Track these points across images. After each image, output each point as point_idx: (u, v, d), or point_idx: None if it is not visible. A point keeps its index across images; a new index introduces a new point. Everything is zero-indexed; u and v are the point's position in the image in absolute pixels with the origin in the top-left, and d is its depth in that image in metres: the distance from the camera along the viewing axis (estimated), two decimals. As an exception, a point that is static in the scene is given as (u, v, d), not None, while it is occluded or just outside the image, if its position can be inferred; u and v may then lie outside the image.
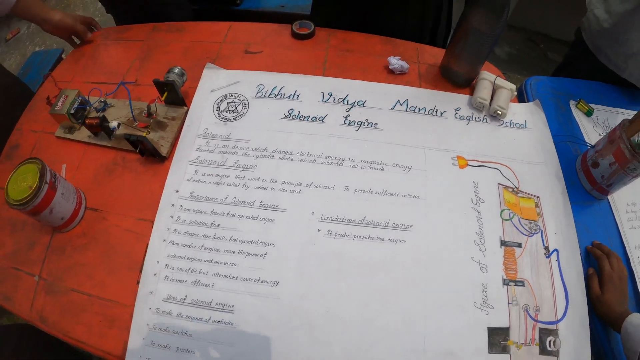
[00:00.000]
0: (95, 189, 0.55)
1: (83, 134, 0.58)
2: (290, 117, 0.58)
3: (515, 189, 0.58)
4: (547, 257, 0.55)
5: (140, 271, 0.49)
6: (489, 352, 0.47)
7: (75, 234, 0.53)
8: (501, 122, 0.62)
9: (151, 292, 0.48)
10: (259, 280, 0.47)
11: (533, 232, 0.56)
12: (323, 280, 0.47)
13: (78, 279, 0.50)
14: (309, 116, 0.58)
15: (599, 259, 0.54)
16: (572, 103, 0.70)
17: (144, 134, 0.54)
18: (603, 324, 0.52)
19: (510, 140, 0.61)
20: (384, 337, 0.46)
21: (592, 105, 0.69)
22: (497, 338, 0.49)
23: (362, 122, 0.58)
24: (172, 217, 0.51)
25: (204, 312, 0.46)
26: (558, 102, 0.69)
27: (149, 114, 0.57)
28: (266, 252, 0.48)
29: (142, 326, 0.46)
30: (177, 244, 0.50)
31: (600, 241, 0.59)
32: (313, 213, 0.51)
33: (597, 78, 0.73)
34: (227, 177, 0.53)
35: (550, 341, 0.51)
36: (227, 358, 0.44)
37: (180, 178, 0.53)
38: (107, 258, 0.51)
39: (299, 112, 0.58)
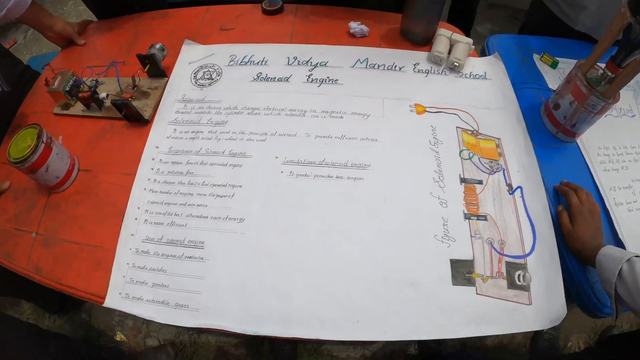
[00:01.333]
0: (88, 154, 0.61)
1: (77, 108, 0.65)
2: (259, 80, 0.63)
3: (474, 132, 0.60)
4: (510, 193, 0.56)
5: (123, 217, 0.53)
6: (453, 284, 0.48)
7: (69, 193, 0.58)
8: (460, 74, 0.65)
9: (132, 234, 0.52)
10: (226, 217, 0.51)
11: (494, 170, 0.58)
12: (285, 215, 0.51)
13: (71, 230, 0.55)
14: (275, 77, 0.63)
15: (566, 194, 0.54)
16: (536, 57, 0.71)
17: (117, 92, 0.60)
18: (580, 262, 0.52)
19: (469, 89, 0.64)
20: (344, 266, 0.48)
21: (557, 58, 0.71)
22: (461, 270, 0.50)
23: (323, 79, 0.62)
24: (152, 169, 0.56)
25: (178, 249, 0.50)
26: (521, 56, 0.71)
27: (134, 86, 0.64)
28: (234, 193, 0.53)
29: (123, 265, 0.51)
30: (156, 191, 0.54)
31: (571, 179, 0.59)
32: (277, 157, 0.55)
33: (553, 32, 0.75)
34: (202, 132, 0.58)
35: (519, 275, 0.51)
36: (198, 289, 0.48)
37: (161, 136, 0.59)
38: (97, 210, 0.56)
39: (267, 74, 0.63)
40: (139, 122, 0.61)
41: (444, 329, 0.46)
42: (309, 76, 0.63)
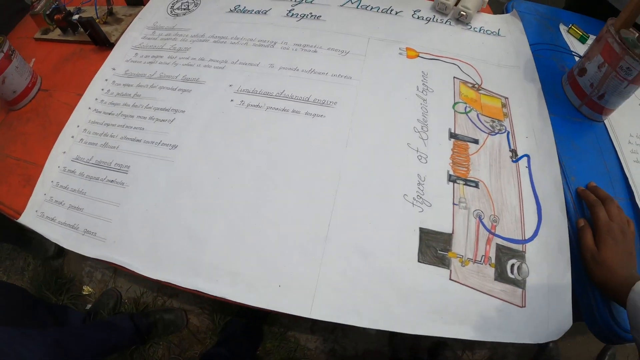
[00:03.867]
0: (52, 75, 0.59)
1: (55, 34, 0.64)
2: (235, 11, 0.57)
3: (475, 85, 0.49)
4: (514, 161, 0.44)
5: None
6: (418, 261, 0.37)
7: (24, 111, 0.56)
8: (468, 26, 0.55)
9: (64, 152, 0.47)
10: (159, 143, 0.44)
11: (496, 131, 0.46)
12: (223, 147, 0.43)
13: (15, 146, 0.52)
14: (253, 10, 0.56)
15: (592, 205, 0.41)
16: (563, 28, 0.59)
17: (96, 20, 0.57)
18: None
19: (477, 43, 0.53)
20: (277, 216, 0.38)
21: (589, 34, 0.58)
22: (433, 245, 0.39)
23: (305, 15, 0.55)
24: (102, 89, 0.52)
25: (103, 171, 0.44)
26: (545, 24, 0.59)
27: (110, 13, 0.61)
28: (174, 118, 0.46)
29: (47, 183, 0.46)
30: (100, 111, 0.50)
31: (594, 164, 0.47)
32: (231, 85, 0.47)
33: (596, 15, 0.62)
34: (161, 57, 0.53)
35: (513, 265, 0.40)
36: (109, 217, 0.41)
37: (121, 59, 0.54)
38: (43, 128, 0.53)
39: (245, 7, 0.57)
40: (106, 45, 0.57)
41: (395, 318, 0.35)
42: (290, 11, 0.55)
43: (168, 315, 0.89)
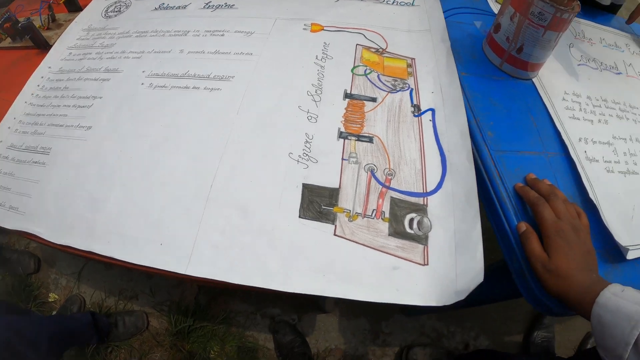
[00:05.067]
0: (1, 78, 0.64)
1: (6, 42, 0.69)
2: (160, 9, 0.61)
3: (379, 50, 0.50)
4: (416, 115, 0.45)
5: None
6: (300, 216, 0.38)
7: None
8: (381, 1, 0.57)
9: (0, 141, 0.52)
10: (77, 125, 0.48)
11: (398, 89, 0.47)
12: (128, 124, 0.47)
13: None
14: (174, 6, 0.60)
15: (534, 204, 0.35)
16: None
17: (38, 26, 0.62)
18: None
19: (388, 13, 0.56)
20: (166, 180, 0.41)
21: None
22: (317, 200, 0.39)
23: (220, 5, 0.58)
24: (38, 85, 0.56)
25: (29, 155, 0.49)
26: None
27: (53, 19, 0.66)
28: (92, 104, 0.50)
29: None
30: (34, 105, 0.54)
31: (518, 120, 0.46)
32: (144, 71, 0.51)
33: None
34: (90, 54, 0.57)
35: (412, 220, 0.39)
36: (29, 193, 0.45)
37: (57, 58, 0.59)
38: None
39: (168, 4, 0.62)
40: (46, 48, 0.62)
41: (271, 275, 0.35)
42: (207, 3, 0.59)
43: (129, 317, 0.91)
